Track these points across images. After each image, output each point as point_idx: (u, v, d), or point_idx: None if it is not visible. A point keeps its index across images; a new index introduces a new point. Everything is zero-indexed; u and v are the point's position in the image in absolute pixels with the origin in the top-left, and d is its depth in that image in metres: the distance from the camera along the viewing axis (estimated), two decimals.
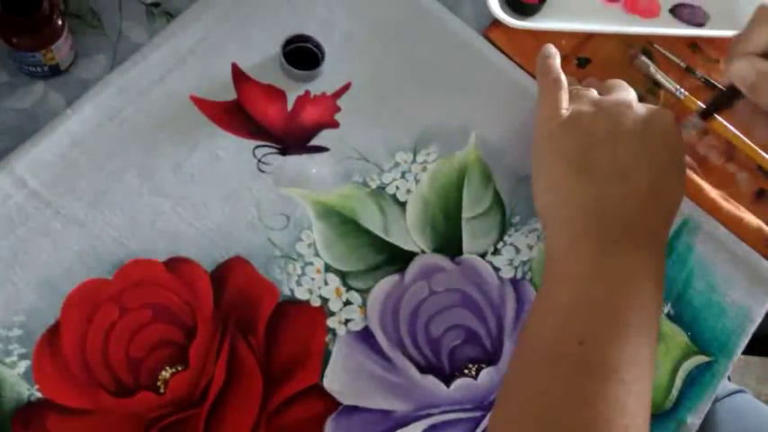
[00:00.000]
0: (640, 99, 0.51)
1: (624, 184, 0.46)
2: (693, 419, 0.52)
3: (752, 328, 0.55)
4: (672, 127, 0.49)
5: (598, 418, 0.39)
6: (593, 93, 0.51)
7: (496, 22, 0.58)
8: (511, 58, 0.59)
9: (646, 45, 0.62)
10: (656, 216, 0.47)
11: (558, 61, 0.52)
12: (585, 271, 0.44)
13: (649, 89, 0.61)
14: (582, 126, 0.48)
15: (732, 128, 0.59)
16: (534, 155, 0.50)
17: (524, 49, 0.59)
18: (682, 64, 0.62)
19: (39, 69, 0.50)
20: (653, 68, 0.60)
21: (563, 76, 0.51)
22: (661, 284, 0.45)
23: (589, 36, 0.61)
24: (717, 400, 0.54)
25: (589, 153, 0.47)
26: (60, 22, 0.49)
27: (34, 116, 0.50)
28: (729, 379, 0.76)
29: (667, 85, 0.60)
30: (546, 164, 0.49)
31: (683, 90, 0.60)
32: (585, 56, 0.60)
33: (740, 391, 0.70)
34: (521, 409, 0.42)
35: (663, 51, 0.62)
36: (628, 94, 0.50)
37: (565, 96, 0.50)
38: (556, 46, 0.53)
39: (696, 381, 0.53)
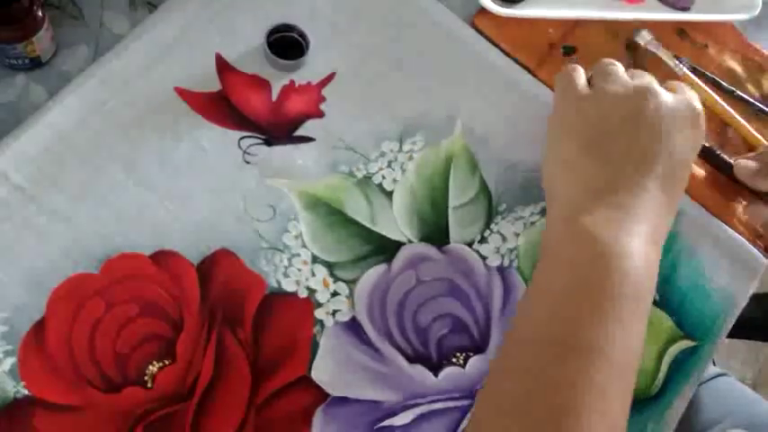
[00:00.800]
0: None
1: (637, 172, 0.46)
2: (679, 403, 0.53)
3: (736, 312, 0.56)
4: (698, 121, 0.49)
5: (576, 401, 0.39)
6: (622, 70, 0.50)
7: (483, 10, 0.58)
8: (498, 46, 0.58)
9: (632, 39, 0.62)
10: (662, 206, 0.46)
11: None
12: (582, 255, 0.44)
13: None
14: (605, 107, 0.48)
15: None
16: (552, 126, 0.50)
17: (511, 37, 0.58)
18: (669, 62, 0.61)
19: (19, 62, 0.49)
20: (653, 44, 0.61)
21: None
22: (656, 273, 0.45)
23: (576, 24, 0.60)
24: (699, 384, 0.55)
25: (606, 137, 0.47)
26: (40, 14, 0.48)
27: (16, 109, 0.50)
28: (714, 363, 0.77)
29: (669, 62, 0.61)
30: (561, 137, 0.49)
31: (682, 66, 0.61)
32: (572, 44, 0.60)
33: (723, 375, 0.70)
34: (501, 387, 0.42)
35: (649, 49, 0.62)
36: (652, 80, 0.50)
37: (582, 72, 0.50)
38: (542, 34, 0.53)
39: (682, 365, 0.54)
